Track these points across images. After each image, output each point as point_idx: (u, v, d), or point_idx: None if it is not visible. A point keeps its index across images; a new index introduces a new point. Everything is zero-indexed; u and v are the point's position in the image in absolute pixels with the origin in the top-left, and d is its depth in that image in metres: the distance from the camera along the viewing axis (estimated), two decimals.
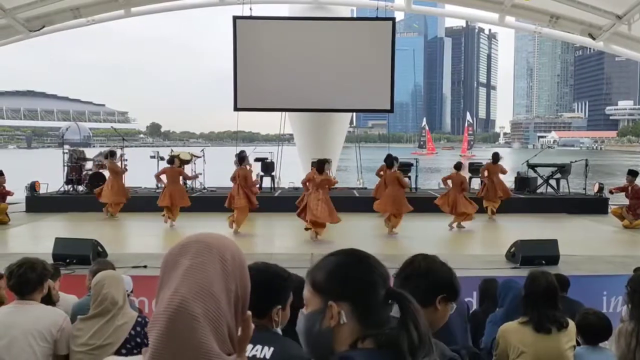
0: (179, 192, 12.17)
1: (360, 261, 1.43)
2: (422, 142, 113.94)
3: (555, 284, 3.44)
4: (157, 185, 15.24)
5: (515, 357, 3.36)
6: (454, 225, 11.87)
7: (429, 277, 1.94)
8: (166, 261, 1.13)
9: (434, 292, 1.91)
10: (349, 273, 1.40)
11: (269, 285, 2.14)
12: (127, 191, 13.31)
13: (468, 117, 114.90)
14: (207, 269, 1.08)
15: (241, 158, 11.19)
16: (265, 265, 2.28)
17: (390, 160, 11.43)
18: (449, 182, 12.03)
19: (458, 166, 12.47)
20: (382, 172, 12.25)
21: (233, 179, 11.04)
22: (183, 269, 1.08)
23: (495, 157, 13.54)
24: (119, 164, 13.81)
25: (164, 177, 12.22)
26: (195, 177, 14.77)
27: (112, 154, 13.94)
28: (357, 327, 1.35)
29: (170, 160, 12.37)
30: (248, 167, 11.34)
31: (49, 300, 3.89)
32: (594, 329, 3.52)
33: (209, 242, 1.13)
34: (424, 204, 12.92)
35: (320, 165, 10.48)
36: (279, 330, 2.17)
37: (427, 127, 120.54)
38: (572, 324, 3.43)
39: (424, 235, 11.20)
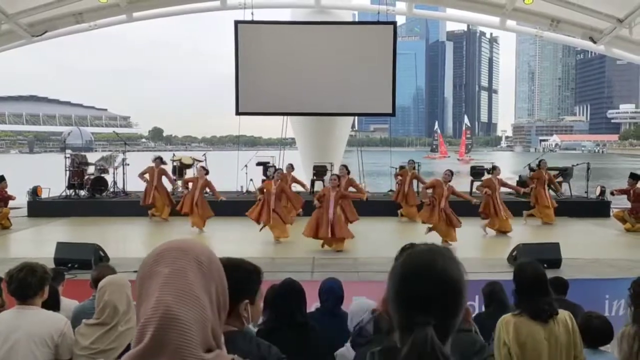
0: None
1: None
2: (434, 146, 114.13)
3: (542, 271, 3.32)
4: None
5: (513, 348, 3.24)
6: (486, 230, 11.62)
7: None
8: (142, 273, 1.12)
9: None
10: None
11: (229, 278, 2.03)
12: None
13: (466, 120, 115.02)
14: (186, 273, 1.09)
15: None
16: (227, 259, 2.11)
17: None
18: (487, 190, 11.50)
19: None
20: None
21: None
22: (162, 277, 1.08)
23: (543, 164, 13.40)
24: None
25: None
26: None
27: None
28: None
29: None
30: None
31: (55, 304, 3.87)
32: (597, 333, 3.48)
33: (184, 247, 1.14)
34: None
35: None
36: (251, 327, 2.05)
37: (439, 131, 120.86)
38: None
39: (429, 239, 11.15)
